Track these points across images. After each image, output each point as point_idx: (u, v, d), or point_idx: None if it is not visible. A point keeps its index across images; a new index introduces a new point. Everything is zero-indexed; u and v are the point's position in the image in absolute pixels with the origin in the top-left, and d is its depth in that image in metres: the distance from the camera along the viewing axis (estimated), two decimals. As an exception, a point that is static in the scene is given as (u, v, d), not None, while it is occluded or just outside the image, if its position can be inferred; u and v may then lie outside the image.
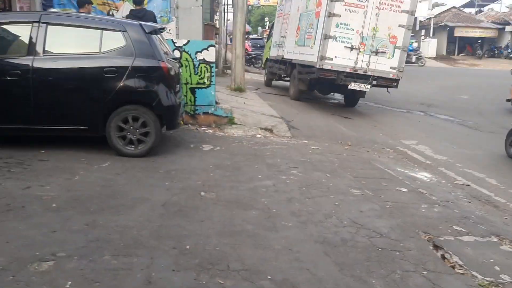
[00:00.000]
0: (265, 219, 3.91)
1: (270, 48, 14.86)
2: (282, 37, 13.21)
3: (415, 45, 30.57)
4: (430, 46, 32.71)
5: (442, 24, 34.70)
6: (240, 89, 10.71)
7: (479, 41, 34.54)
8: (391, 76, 9.99)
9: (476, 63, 31.41)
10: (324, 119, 9.78)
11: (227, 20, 20.04)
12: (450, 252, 3.64)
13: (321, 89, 11.67)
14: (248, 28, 37.68)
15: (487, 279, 3.29)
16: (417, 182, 5.74)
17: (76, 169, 4.81)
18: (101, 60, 5.23)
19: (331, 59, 9.66)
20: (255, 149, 6.40)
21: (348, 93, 10.92)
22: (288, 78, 12.65)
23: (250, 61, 21.24)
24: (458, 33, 34.13)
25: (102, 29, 5.27)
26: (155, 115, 5.36)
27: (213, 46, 7.57)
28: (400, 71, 9.96)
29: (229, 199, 4.30)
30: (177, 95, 5.67)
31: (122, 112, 5.30)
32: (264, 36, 29.70)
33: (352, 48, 9.70)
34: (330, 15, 9.56)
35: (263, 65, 17.91)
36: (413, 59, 28.83)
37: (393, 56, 9.87)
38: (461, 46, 36.01)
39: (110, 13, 11.12)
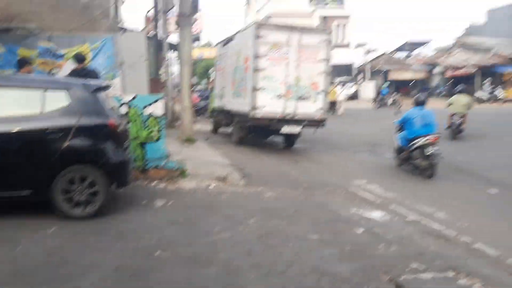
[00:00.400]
0: (226, 275, 3.78)
1: (214, 99, 15.73)
2: (221, 89, 14.20)
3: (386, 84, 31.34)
4: (367, 89, 34.41)
5: (377, 68, 36.98)
6: (190, 140, 10.65)
7: (412, 82, 36.98)
8: (317, 117, 11.02)
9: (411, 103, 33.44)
10: (276, 164, 9.87)
11: (172, 74, 20.22)
12: (412, 291, 3.67)
13: (259, 134, 12.37)
14: (194, 80, 38.21)
15: (449, 314, 3.33)
16: (371, 221, 5.83)
17: (18, 238, 4.47)
18: (44, 121, 5.02)
19: (262, 108, 10.62)
20: (209, 201, 6.29)
21: (284, 135, 11.87)
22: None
23: (198, 111, 21.35)
24: (392, 76, 36.41)
25: (44, 89, 5.11)
26: (103, 173, 5.16)
27: (161, 99, 7.54)
28: (324, 113, 11.13)
29: (186, 256, 4.14)
30: (126, 151, 5.52)
31: (68, 173, 5.06)
32: (210, 87, 30.12)
33: (279, 97, 10.68)
34: (256, 70, 10.57)
35: (210, 115, 18.36)
36: (389, 103, 27.98)
37: (316, 100, 10.99)
38: (396, 88, 38.35)
39: (52, 72, 10.88)
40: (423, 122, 9.25)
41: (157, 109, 7.37)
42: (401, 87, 37.44)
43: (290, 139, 12.12)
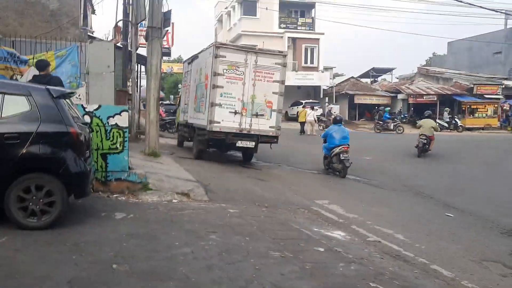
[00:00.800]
0: (184, 289, 3.70)
1: (180, 113, 16.42)
2: (185, 104, 15.03)
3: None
4: (333, 112, 34.69)
5: (343, 92, 37.86)
6: (154, 154, 10.48)
7: (376, 107, 38.06)
8: (270, 134, 11.72)
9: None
10: (240, 181, 9.85)
11: (140, 86, 19.99)
12: (370, 311, 3.70)
13: (217, 147, 13.05)
14: (162, 94, 37.88)
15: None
16: (332, 241, 5.88)
17: (-34, 248, 4.24)
18: (2, 125, 4.84)
19: (219, 122, 11.30)
20: (171, 215, 6.17)
21: (242, 150, 12.56)
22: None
23: (164, 126, 21.11)
24: (357, 100, 37.31)
25: (3, 93, 4.93)
26: (62, 183, 4.99)
27: (126, 111, 7.43)
28: (278, 129, 11.78)
29: (145, 270, 4.02)
30: (87, 161, 5.37)
31: (24, 180, 4.87)
32: (177, 102, 29.99)
33: (235, 113, 11.38)
34: (215, 86, 11.29)
35: (176, 130, 18.88)
36: (391, 127, 28.28)
37: (270, 117, 11.67)
38: (361, 112, 39.31)
39: (14, 78, 10.53)
40: (340, 135, 11.77)
41: (122, 120, 7.24)
42: (365, 111, 38.47)
43: (247, 154, 12.79)
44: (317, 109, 29.32)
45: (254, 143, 11.62)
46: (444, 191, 10.48)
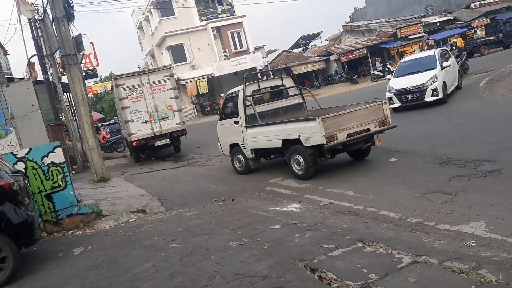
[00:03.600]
0: (149, 304, 3.83)
1: None
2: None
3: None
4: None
5: (279, 67, 38.35)
6: (103, 179, 10.38)
7: (313, 74, 38.84)
8: (178, 129, 14.78)
9: (317, 93, 34.96)
10: (194, 183, 9.94)
11: (75, 115, 19.44)
12: (325, 271, 3.98)
13: (145, 150, 15.78)
14: (99, 115, 36.87)
15: (358, 283, 3.67)
16: (288, 215, 6.15)
17: None
18: None
19: (135, 133, 14.31)
20: (129, 236, 6.23)
21: (163, 148, 15.46)
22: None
23: (111, 147, 20.72)
24: (294, 71, 37.98)
25: None
26: (7, 237, 4.94)
27: (59, 146, 7.30)
28: (183, 124, 14.92)
29: (109, 297, 4.12)
30: (28, 208, 5.31)
31: (-33, 245, 4.78)
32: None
33: (146, 122, 14.38)
34: (123, 108, 14.36)
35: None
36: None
37: (174, 117, 14.72)
38: (300, 82, 40.05)
39: None
40: None
41: (57, 157, 7.13)
42: (304, 80, 39.16)
43: (174, 147, 15.79)
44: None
45: (168, 140, 14.67)
46: (386, 137, 10.91)
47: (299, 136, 7.96)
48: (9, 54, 19.79)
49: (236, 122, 9.57)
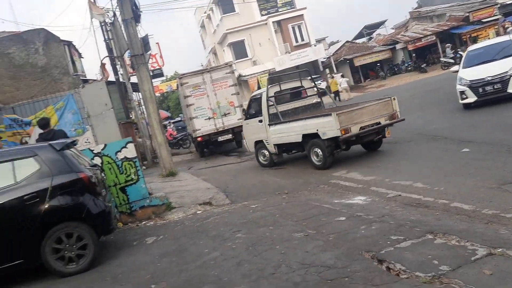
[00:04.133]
0: (218, 290, 3.96)
1: None
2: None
3: (324, 83, 31.96)
4: (342, 82, 32.87)
5: (341, 59, 37.63)
6: (172, 173, 10.83)
7: (378, 64, 37.67)
8: (240, 124, 14.37)
9: (382, 83, 33.95)
10: (257, 176, 10.08)
11: (143, 113, 20.43)
12: (393, 262, 3.89)
13: (209, 146, 16.44)
14: (166, 114, 38.34)
15: (429, 274, 3.55)
16: (353, 207, 6.05)
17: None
18: (19, 189, 5.17)
19: (200, 129, 15.12)
20: (197, 226, 6.46)
21: (225, 143, 16.05)
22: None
23: (178, 143, 21.51)
24: (357, 62, 37.03)
25: (12, 160, 5.28)
26: (88, 225, 5.32)
27: (131, 142, 7.73)
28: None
29: (180, 283, 4.31)
30: (105, 199, 5.69)
31: (54, 233, 5.20)
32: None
33: (209, 118, 15.09)
34: (188, 105, 15.21)
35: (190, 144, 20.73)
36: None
37: (236, 113, 15.29)
38: (364, 73, 39.01)
39: (24, 141, 11.03)
40: None
41: (129, 152, 7.55)
42: (368, 71, 38.11)
43: (236, 142, 16.28)
44: (320, 83, 29.22)
45: (231, 135, 15.31)
46: (458, 128, 10.42)
47: (317, 130, 8.94)
48: (83, 57, 21.21)
49: (260, 121, 10.68)
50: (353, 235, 4.80)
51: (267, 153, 10.83)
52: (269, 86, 10.49)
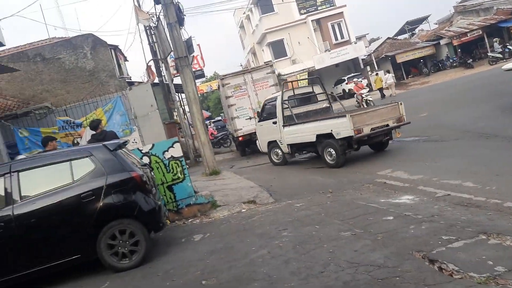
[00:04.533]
0: (268, 287, 4.02)
1: None
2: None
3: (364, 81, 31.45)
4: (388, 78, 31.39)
5: (383, 56, 36.88)
6: (215, 172, 11.01)
7: (421, 60, 36.64)
8: None
9: (426, 80, 33.03)
10: (300, 175, 10.09)
11: (186, 113, 20.88)
12: (445, 262, 3.82)
13: (250, 145, 16.21)
14: (207, 114, 38.92)
15: (484, 275, 3.47)
16: (401, 207, 5.96)
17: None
18: (77, 188, 5.43)
19: (241, 129, 15.37)
20: (243, 224, 6.56)
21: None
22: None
23: (218, 142, 21.83)
24: (399, 59, 36.20)
25: (70, 160, 5.56)
26: (140, 222, 5.53)
27: (177, 142, 7.94)
28: None
29: (230, 279, 4.41)
30: (155, 197, 5.89)
31: (108, 229, 5.44)
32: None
33: (250, 118, 15.14)
34: (229, 106, 15.47)
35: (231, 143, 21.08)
36: None
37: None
38: (407, 70, 38.05)
39: (75, 142, 11.56)
40: None
41: (176, 151, 7.77)
42: (411, 68, 37.14)
43: None
44: (361, 80, 28.75)
45: None
46: (509, 126, 10.00)
47: (332, 130, 9.67)
48: (128, 61, 21.93)
49: (274, 123, 11.45)
50: (402, 234, 4.75)
51: (280, 152, 11.64)
52: (284, 91, 11.21)
